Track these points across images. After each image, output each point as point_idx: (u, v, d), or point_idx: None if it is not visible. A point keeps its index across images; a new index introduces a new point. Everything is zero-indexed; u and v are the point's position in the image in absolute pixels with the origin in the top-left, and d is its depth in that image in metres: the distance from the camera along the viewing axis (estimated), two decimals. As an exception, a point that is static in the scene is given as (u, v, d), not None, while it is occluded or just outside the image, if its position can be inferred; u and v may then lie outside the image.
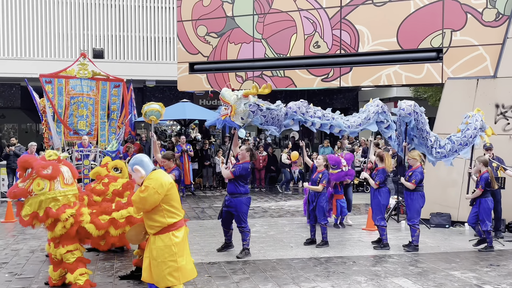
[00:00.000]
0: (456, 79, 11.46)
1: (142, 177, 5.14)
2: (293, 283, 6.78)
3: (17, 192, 6.05)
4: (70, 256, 6.20)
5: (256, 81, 14.16)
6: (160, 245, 5.10)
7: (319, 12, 13.25)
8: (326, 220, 9.01)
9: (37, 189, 6.00)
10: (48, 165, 6.12)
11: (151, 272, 5.16)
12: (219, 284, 6.73)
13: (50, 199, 6.06)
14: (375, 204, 8.88)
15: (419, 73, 12.12)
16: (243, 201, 8.10)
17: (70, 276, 6.19)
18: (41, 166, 6.07)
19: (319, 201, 8.92)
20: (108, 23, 20.73)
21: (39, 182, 6.00)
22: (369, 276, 7.12)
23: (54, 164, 6.18)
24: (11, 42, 19.67)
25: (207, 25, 14.55)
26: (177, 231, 5.19)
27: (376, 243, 8.98)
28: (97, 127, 14.06)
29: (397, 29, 12.30)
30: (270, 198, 15.26)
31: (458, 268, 7.58)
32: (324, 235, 8.98)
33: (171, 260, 5.11)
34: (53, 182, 6.09)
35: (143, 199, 4.98)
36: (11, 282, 6.77)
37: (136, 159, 5.23)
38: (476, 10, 11.39)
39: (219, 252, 8.43)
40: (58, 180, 6.14)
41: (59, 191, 6.12)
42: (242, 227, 8.13)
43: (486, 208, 8.75)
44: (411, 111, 8.64)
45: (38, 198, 6.02)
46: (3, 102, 20.30)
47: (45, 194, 6.03)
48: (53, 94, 13.57)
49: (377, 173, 8.89)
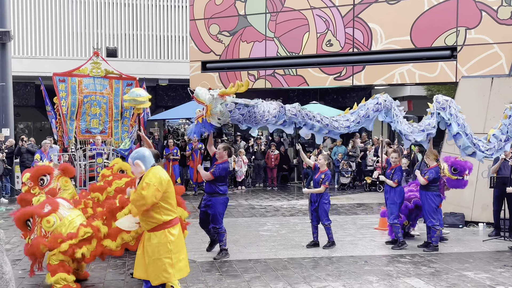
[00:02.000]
0: (471, 78, 11.34)
1: (142, 172, 5.14)
2: (304, 282, 6.76)
3: (34, 243, 6.08)
4: (54, 258, 6.22)
5: (268, 80, 14.16)
6: (155, 242, 5.12)
7: (331, 11, 13.20)
8: (329, 220, 8.68)
9: (49, 226, 6.09)
10: (44, 204, 6.24)
11: (145, 269, 5.17)
12: (230, 282, 6.73)
13: (65, 227, 6.15)
14: (391, 202, 8.78)
15: (433, 72, 12.02)
16: (221, 201, 7.95)
17: (50, 278, 6.21)
18: (38, 208, 6.18)
19: (322, 201, 8.64)
20: (121, 22, 20.85)
21: (48, 220, 6.09)
22: (381, 276, 7.08)
23: (47, 200, 6.32)
24: (26, 41, 19.86)
25: (219, 23, 14.57)
26: (172, 228, 5.21)
27: (390, 243, 8.89)
28: (110, 125, 14.13)
29: (410, 27, 12.21)
30: (282, 197, 15.24)
31: (472, 269, 7.50)
32: (330, 235, 8.72)
33: (166, 257, 5.13)
34: (58, 212, 6.18)
35: (145, 196, 4.95)
36: (24, 279, 6.83)
37: (138, 153, 5.22)
38: (491, 8, 11.26)
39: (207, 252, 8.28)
40: (61, 208, 6.25)
41: (70, 215, 6.25)
42: (217, 228, 7.95)
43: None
44: (445, 106, 8.51)
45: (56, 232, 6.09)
46: (18, 101, 20.49)
47: (60, 225, 6.13)
48: (67, 93, 13.65)
49: (394, 171, 8.77)
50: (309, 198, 8.89)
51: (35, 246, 6.08)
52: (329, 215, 8.77)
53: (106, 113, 14.03)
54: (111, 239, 6.28)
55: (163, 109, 20.56)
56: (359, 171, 17.62)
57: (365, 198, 14.77)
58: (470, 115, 10.32)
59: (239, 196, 15.38)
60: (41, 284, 6.57)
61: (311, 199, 8.82)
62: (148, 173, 5.11)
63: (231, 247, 8.43)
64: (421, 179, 8.58)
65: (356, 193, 16.17)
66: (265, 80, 14.18)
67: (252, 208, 13.03)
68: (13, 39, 16.28)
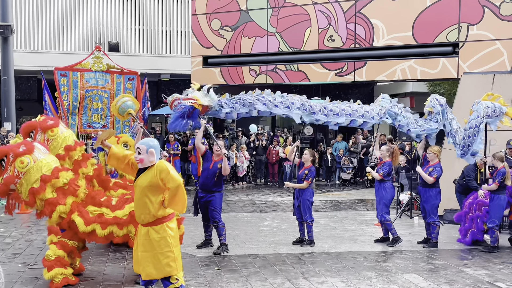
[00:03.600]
0: (472, 74, 11.31)
1: (153, 162, 5.14)
2: (302, 278, 6.77)
3: (5, 181, 6.02)
4: (51, 253, 6.23)
5: (270, 75, 14.15)
6: (155, 237, 5.12)
7: (333, 6, 13.16)
8: (311, 217, 8.48)
9: (22, 166, 5.99)
10: (20, 144, 6.17)
11: (145, 264, 5.15)
12: (229, 277, 6.75)
13: (39, 169, 6.07)
14: (380, 198, 8.72)
15: (435, 68, 11.99)
16: (220, 197, 8.04)
17: (47, 273, 6.22)
18: (15, 147, 6.11)
19: (304, 197, 8.47)
20: (123, 17, 20.84)
21: (21, 160, 5.99)
22: (380, 272, 7.08)
23: (24, 142, 6.26)
24: (28, 35, 19.88)
25: (221, 18, 14.55)
26: (170, 222, 5.23)
27: (379, 242, 8.86)
28: (112, 120, 14.15)
29: (412, 23, 12.17)
30: (283, 193, 15.25)
31: (471, 265, 7.50)
32: (310, 234, 8.55)
33: (168, 251, 5.14)
34: (33, 154, 6.09)
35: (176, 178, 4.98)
36: (23, 272, 6.87)
37: (154, 142, 5.24)
38: (493, 4, 11.22)
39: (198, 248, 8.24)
40: (36, 151, 6.16)
41: (44, 159, 6.16)
42: (217, 221, 7.98)
43: (499, 205, 8.56)
44: (443, 103, 8.56)
45: (28, 174, 6.03)
46: (20, 95, 20.53)
47: (33, 167, 6.04)
48: (68, 87, 13.67)
49: (382, 166, 8.70)
50: (293, 193, 8.81)
51: (5, 184, 6.01)
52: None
53: (107, 107, 14.03)
54: None
55: (165, 104, 20.55)
56: (360, 167, 17.61)
57: (366, 194, 14.77)
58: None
59: (240, 192, 15.39)
60: (40, 278, 6.59)
61: (295, 195, 8.71)
62: (161, 164, 5.10)
63: (230, 242, 8.45)
64: (428, 178, 8.51)
65: (357, 189, 16.18)
66: (266, 76, 14.17)
67: (253, 204, 13.05)
68: (15, 33, 16.30)
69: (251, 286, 6.41)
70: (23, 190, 6.06)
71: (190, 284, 6.44)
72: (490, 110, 8.75)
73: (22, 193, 6.09)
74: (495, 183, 8.37)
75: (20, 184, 6.04)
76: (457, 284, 6.58)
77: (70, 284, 6.32)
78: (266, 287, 6.39)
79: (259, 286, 6.42)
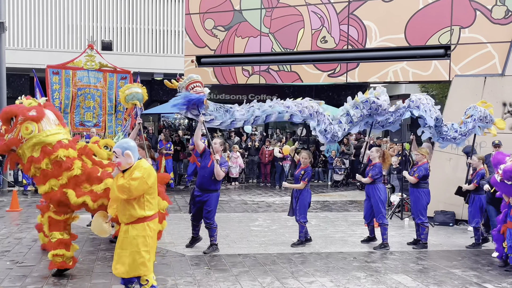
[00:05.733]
0: (464, 77, 11.36)
1: (130, 163, 5.07)
2: (292, 277, 6.78)
3: (8, 142, 6.03)
4: (54, 236, 6.33)
5: (262, 75, 14.15)
6: (133, 234, 5.06)
7: (327, 7, 13.19)
8: (305, 218, 8.50)
9: (27, 133, 6.00)
10: (32, 108, 6.14)
11: (120, 262, 5.09)
12: (218, 276, 6.74)
13: (42, 139, 6.07)
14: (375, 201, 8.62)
15: (427, 70, 12.04)
16: (216, 197, 8.00)
17: (50, 252, 6.36)
18: (26, 110, 6.08)
19: (301, 197, 8.49)
20: (117, 15, 20.76)
21: (27, 126, 5.99)
22: (369, 272, 7.10)
23: (37, 107, 6.22)
24: (21, 33, 19.76)
25: (214, 18, 14.53)
26: (152, 222, 5.18)
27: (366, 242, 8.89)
28: (104, 119, 14.12)
29: (405, 25, 12.21)
30: (274, 193, 15.26)
31: (459, 266, 7.54)
32: (301, 234, 8.56)
33: (144, 251, 5.09)
34: (40, 123, 6.07)
35: (133, 187, 4.90)
36: (12, 270, 6.83)
37: (128, 144, 5.13)
38: (485, 7, 11.27)
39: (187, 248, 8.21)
40: (45, 121, 6.14)
41: (49, 130, 6.14)
42: (210, 223, 7.94)
43: (479, 205, 8.70)
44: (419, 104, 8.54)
45: (30, 141, 6.02)
46: (12, 93, 20.34)
47: (36, 136, 6.04)
48: (60, 85, 13.63)
49: (371, 168, 8.63)
50: (291, 193, 8.84)
51: (7, 145, 6.04)
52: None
53: (100, 106, 14.00)
54: None
55: (158, 103, 20.52)
56: (352, 168, 17.64)
57: (358, 196, 14.80)
58: (462, 113, 10.34)
59: (232, 192, 15.39)
60: (28, 275, 6.56)
61: (293, 194, 8.74)
62: (138, 164, 5.06)
63: (221, 241, 8.44)
64: (410, 178, 8.61)
65: (349, 191, 16.21)
66: (259, 76, 14.17)
67: (245, 204, 13.05)
68: (7, 30, 16.21)
69: (240, 285, 6.41)
70: (23, 155, 6.14)
71: (179, 283, 6.43)
72: (483, 115, 9.12)
73: (21, 156, 6.17)
74: (474, 184, 8.70)
75: (21, 149, 6.11)
76: (446, 285, 6.61)
77: (67, 268, 6.41)
78: (255, 286, 6.39)
79: (248, 285, 6.42)
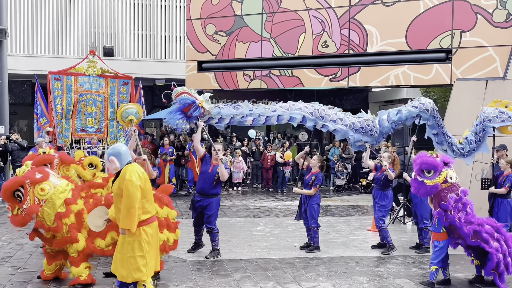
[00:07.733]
0: (465, 80, 11.36)
1: (117, 168, 5.09)
2: (294, 282, 6.75)
3: (29, 211, 5.77)
4: (72, 251, 6.17)
5: (264, 80, 14.17)
6: (129, 239, 5.05)
7: (327, 12, 13.22)
8: (317, 223, 8.45)
9: (44, 194, 5.84)
10: (34, 171, 5.98)
11: (119, 266, 5.11)
12: (220, 281, 6.72)
13: (60, 193, 6.00)
14: (379, 206, 8.68)
15: (428, 74, 12.05)
16: (217, 202, 7.96)
17: (74, 270, 6.19)
18: (31, 174, 5.91)
19: (311, 203, 8.43)
20: (119, 21, 20.84)
21: (41, 187, 5.85)
22: (371, 277, 7.07)
23: (36, 169, 6.10)
24: (23, 39, 19.84)
25: (215, 23, 14.58)
26: (147, 226, 5.16)
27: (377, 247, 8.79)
28: (106, 124, 14.15)
29: (406, 29, 12.23)
30: (276, 198, 15.24)
31: (462, 270, 7.50)
32: (315, 239, 8.51)
33: (139, 256, 5.07)
34: (49, 180, 6.01)
35: (132, 194, 4.91)
36: (13, 275, 6.82)
37: (114, 149, 5.15)
38: (486, 11, 11.29)
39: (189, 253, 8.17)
40: (51, 177, 6.11)
41: (61, 184, 6.11)
42: (212, 228, 7.90)
43: (509, 210, 8.35)
44: (430, 108, 8.46)
45: (51, 201, 5.90)
46: (14, 99, 20.45)
47: (54, 193, 5.94)
48: (62, 91, 13.67)
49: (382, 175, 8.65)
50: (300, 198, 8.80)
51: (28, 214, 5.77)
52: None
53: (101, 112, 14.05)
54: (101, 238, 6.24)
55: (160, 108, 20.54)
56: (354, 173, 17.63)
57: (360, 200, 14.77)
58: (464, 117, 10.36)
59: (234, 197, 15.37)
60: (30, 281, 6.55)
61: (302, 200, 8.70)
62: (125, 170, 5.05)
63: (223, 246, 8.41)
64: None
65: (351, 195, 16.18)
66: (260, 81, 14.19)
67: (247, 209, 13.02)
68: (9, 36, 16.26)
69: (242, 290, 6.39)
70: (47, 217, 5.93)
71: (181, 288, 6.41)
72: (491, 115, 8.68)
73: (45, 219, 5.94)
74: (505, 188, 8.26)
75: (42, 212, 5.89)
76: (449, 289, 6.58)
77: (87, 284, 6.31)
78: (257, 291, 6.37)
79: (250, 290, 6.40)
